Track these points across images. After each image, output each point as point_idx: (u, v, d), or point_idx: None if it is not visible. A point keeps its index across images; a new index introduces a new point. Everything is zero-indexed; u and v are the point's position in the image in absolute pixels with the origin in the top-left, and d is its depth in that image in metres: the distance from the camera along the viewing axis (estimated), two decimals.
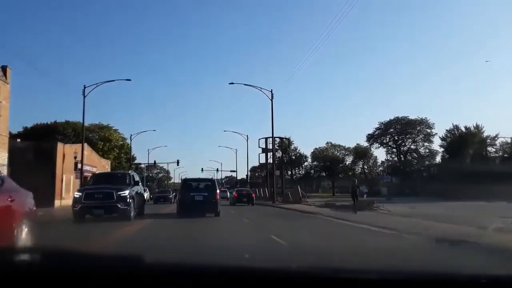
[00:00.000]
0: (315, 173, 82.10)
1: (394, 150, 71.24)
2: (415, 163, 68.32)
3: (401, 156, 70.26)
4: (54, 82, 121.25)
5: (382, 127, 69.88)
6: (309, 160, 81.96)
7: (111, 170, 45.29)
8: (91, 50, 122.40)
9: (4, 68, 28.07)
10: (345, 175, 78.78)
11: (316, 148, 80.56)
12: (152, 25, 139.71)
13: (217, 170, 76.13)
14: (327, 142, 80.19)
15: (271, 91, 37.20)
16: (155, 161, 73.72)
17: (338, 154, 78.86)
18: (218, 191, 18.77)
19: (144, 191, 46.98)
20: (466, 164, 40.61)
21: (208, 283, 1.53)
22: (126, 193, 15.51)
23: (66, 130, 53.53)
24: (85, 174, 33.00)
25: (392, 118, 68.77)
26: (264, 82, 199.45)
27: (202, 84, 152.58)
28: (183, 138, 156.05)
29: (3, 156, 27.76)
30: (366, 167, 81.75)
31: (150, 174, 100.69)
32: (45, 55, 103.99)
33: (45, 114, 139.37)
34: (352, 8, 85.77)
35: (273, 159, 42.63)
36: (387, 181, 69.99)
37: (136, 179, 18.08)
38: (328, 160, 76.11)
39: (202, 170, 76.16)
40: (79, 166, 32.82)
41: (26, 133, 51.09)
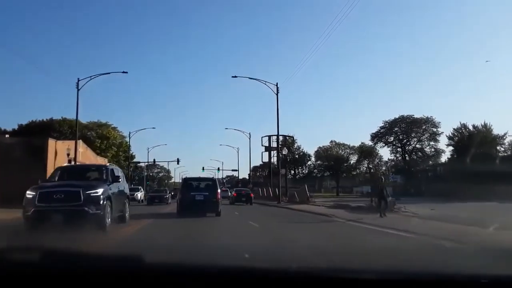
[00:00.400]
0: (319, 172, 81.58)
1: (399, 149, 70.40)
2: (420, 162, 67.62)
3: (406, 155, 69.62)
4: (54, 81, 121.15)
5: (387, 125, 68.67)
6: (312, 159, 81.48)
7: None
8: (91, 50, 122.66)
9: None
10: (348, 174, 78.41)
11: (320, 147, 79.14)
12: (152, 25, 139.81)
13: (218, 169, 75.39)
14: (331, 141, 78.89)
15: (276, 84, 35.63)
16: (155, 160, 73.25)
17: (342, 153, 77.99)
18: (219, 190, 18.62)
19: (138, 191, 44.05)
20: (475, 164, 40.05)
21: (208, 283, 1.53)
22: (99, 192, 11.29)
23: (62, 127, 51.96)
24: None
25: (397, 116, 67.74)
26: None
27: (202, 84, 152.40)
28: (183, 137, 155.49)
29: None
30: (371, 166, 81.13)
31: (150, 173, 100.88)
32: (45, 55, 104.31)
33: (43, 112, 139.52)
34: (352, 8, 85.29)
35: (277, 157, 41.54)
36: (393, 181, 69.44)
37: (116, 174, 13.94)
38: (332, 159, 75.37)
39: (203, 169, 76.10)
40: (73, 163, 30.44)
41: (21, 130, 49.77)
